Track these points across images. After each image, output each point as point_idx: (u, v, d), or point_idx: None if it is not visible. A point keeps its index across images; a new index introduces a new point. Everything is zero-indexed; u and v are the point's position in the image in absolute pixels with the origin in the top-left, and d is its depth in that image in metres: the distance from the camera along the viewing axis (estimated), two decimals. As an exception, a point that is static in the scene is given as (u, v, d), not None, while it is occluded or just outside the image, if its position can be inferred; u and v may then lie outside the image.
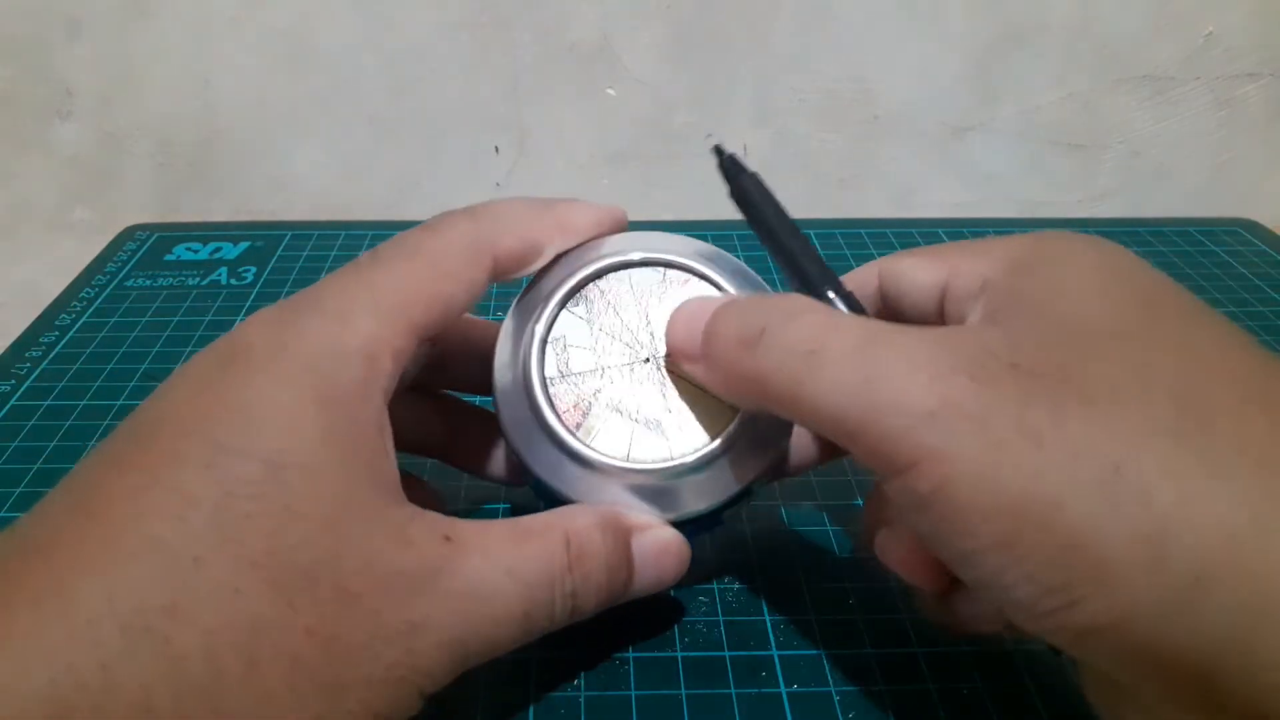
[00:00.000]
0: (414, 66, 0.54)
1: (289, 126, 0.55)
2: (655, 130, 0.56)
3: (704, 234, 0.30)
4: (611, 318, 0.28)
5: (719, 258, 0.29)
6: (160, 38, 0.53)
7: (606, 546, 0.24)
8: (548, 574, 0.23)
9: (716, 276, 0.28)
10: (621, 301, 0.28)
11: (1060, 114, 0.56)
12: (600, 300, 0.28)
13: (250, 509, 0.19)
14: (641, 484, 0.26)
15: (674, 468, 0.26)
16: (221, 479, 0.20)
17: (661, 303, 0.28)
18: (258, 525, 0.19)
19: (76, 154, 0.55)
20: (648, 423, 0.27)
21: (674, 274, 0.28)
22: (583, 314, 0.28)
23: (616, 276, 0.28)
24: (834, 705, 0.26)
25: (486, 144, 0.56)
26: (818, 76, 0.55)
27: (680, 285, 0.28)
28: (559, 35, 0.53)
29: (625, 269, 0.28)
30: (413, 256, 0.24)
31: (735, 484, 0.27)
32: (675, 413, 0.27)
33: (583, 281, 0.28)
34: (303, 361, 0.21)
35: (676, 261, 0.28)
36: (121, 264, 0.49)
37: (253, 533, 0.19)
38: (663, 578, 0.25)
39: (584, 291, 0.28)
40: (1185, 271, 0.49)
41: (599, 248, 0.28)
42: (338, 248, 0.51)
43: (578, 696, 0.26)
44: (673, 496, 0.26)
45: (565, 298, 0.28)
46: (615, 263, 0.28)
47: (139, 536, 0.19)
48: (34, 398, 0.39)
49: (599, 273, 0.28)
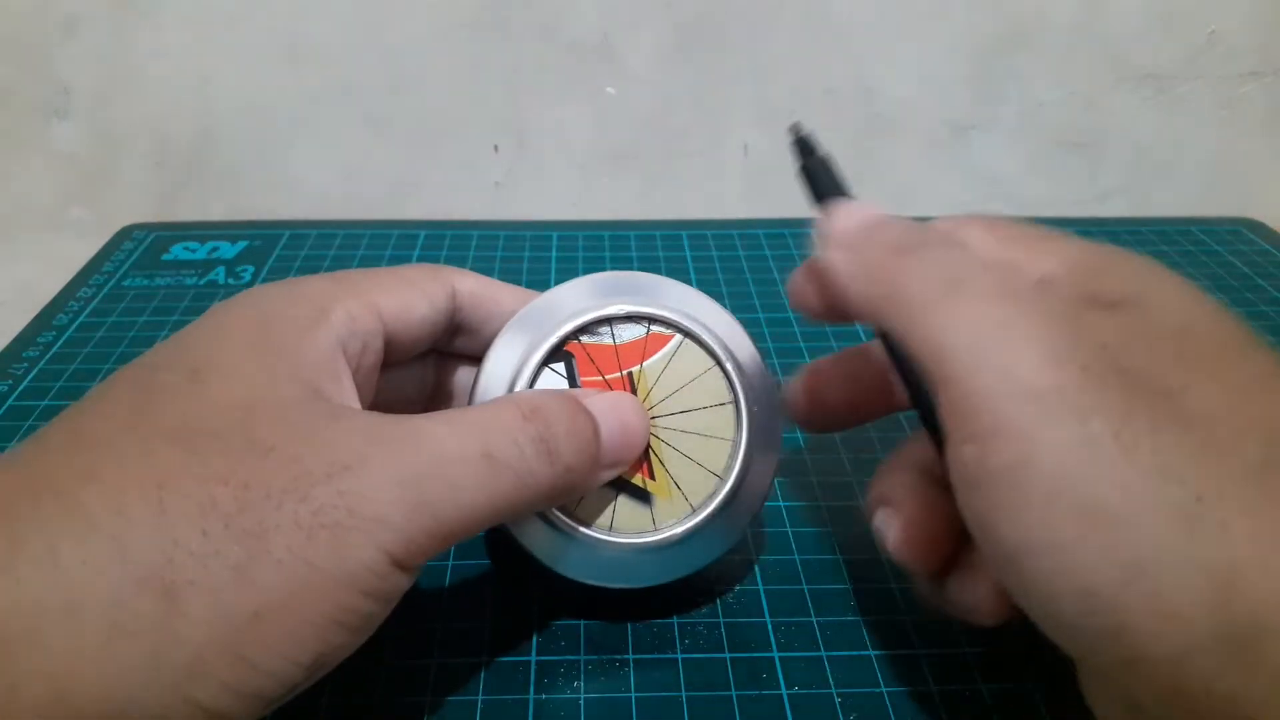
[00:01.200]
0: (413, 65, 0.54)
1: (287, 125, 0.55)
2: (655, 130, 0.56)
3: (704, 233, 0.30)
4: (593, 376, 0.27)
5: (704, 310, 0.28)
6: (158, 37, 0.52)
7: (558, 402, 0.24)
8: (502, 422, 0.22)
9: (703, 335, 0.27)
10: (603, 359, 0.27)
11: (1062, 113, 0.56)
12: (582, 356, 0.27)
13: (166, 400, 0.21)
14: (623, 555, 0.27)
15: (657, 542, 0.27)
16: (146, 386, 0.21)
17: (645, 360, 0.27)
18: (172, 409, 0.21)
19: (74, 153, 0.55)
20: (633, 490, 0.27)
21: (658, 329, 0.27)
22: (562, 371, 0.27)
23: (599, 332, 0.27)
24: (835, 707, 0.26)
25: (485, 143, 0.56)
26: (818, 75, 0.55)
27: (665, 341, 0.27)
28: (558, 34, 0.53)
29: (608, 323, 0.27)
30: (376, 269, 0.27)
31: (717, 549, 0.27)
32: (659, 479, 0.27)
33: (564, 339, 0.27)
34: (251, 304, 0.24)
35: (661, 316, 0.27)
36: (119, 263, 0.49)
37: (168, 414, 0.21)
38: (627, 424, 0.25)
39: (566, 348, 0.27)
40: (1188, 271, 0.49)
41: (573, 301, 0.27)
42: (336, 247, 0.51)
43: (578, 698, 0.26)
44: (654, 564, 0.27)
45: (546, 356, 0.27)
46: (597, 317, 0.27)
47: (65, 433, 0.21)
48: (31, 398, 0.39)
49: (580, 329, 0.27)
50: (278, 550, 0.19)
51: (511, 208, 0.57)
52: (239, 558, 0.19)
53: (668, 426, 0.27)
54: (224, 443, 0.20)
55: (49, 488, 0.19)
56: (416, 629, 0.28)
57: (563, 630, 0.28)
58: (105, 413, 0.21)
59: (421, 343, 0.27)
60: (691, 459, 0.27)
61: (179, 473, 0.19)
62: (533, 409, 0.23)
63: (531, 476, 0.22)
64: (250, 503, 0.19)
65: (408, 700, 0.26)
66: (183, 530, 0.19)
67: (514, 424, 0.22)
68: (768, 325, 0.44)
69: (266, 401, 0.21)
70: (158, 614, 0.18)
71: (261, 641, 0.19)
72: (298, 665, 0.19)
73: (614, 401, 0.26)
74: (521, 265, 0.49)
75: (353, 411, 0.22)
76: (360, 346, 0.25)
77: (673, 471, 0.27)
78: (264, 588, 0.19)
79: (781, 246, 0.51)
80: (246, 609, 0.19)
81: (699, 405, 0.27)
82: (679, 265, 0.48)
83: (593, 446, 0.24)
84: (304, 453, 0.20)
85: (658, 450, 0.27)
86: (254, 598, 0.19)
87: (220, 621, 0.18)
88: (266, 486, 0.19)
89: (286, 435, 0.20)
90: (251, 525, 0.19)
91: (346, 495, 0.20)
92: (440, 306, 0.27)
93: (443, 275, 0.28)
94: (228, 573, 0.18)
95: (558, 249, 0.50)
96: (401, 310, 0.26)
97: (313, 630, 0.19)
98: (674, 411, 0.27)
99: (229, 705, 0.19)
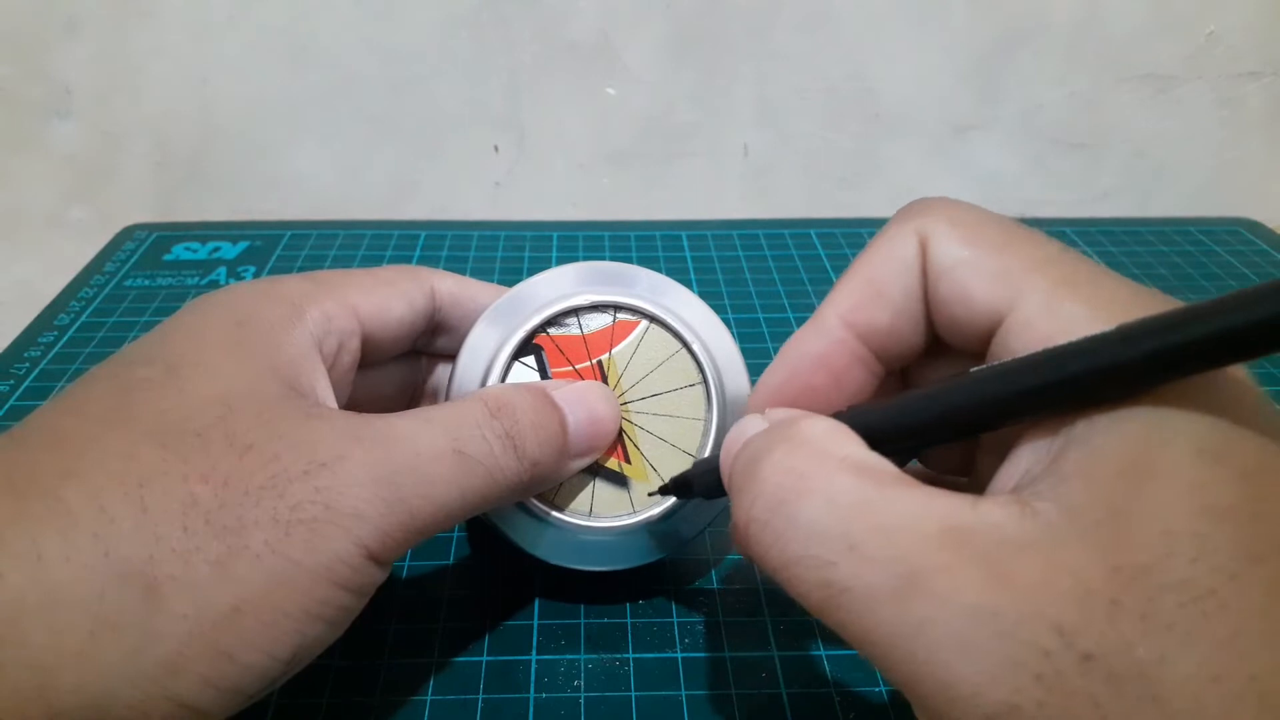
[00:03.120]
0: (413, 65, 0.54)
1: (288, 125, 0.55)
2: (655, 129, 0.56)
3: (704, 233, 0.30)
4: (564, 367, 0.28)
5: (665, 290, 0.28)
6: (159, 37, 0.52)
7: (525, 396, 0.24)
8: (470, 419, 0.23)
9: (668, 319, 0.28)
10: (572, 350, 0.28)
11: (1062, 113, 0.56)
12: (551, 348, 0.28)
13: (145, 397, 0.21)
14: (603, 539, 0.27)
15: (635, 525, 0.27)
16: (124, 382, 0.22)
17: (613, 347, 0.28)
18: (151, 406, 0.21)
19: (75, 153, 0.55)
20: (609, 475, 0.27)
21: (624, 316, 0.28)
22: (532, 365, 0.27)
23: (566, 323, 0.28)
24: (834, 706, 0.26)
25: (485, 143, 0.56)
26: (818, 75, 0.55)
27: (632, 328, 0.28)
28: (558, 34, 0.53)
29: (575, 314, 0.28)
30: (354, 270, 0.27)
31: (695, 527, 0.28)
32: (635, 463, 0.27)
33: (532, 333, 0.27)
34: (227, 302, 0.24)
35: (625, 303, 0.28)
36: (120, 264, 0.49)
37: (146, 412, 0.21)
38: (595, 414, 0.26)
39: (535, 341, 0.27)
40: (1187, 271, 0.49)
41: (542, 294, 0.28)
42: (336, 247, 0.51)
43: (578, 697, 0.26)
44: (634, 546, 0.28)
45: (515, 351, 0.27)
46: (563, 309, 0.27)
47: (45, 430, 0.21)
48: (32, 398, 0.39)
49: (547, 321, 0.27)
50: (256, 545, 0.19)
51: (511, 208, 0.57)
52: (219, 553, 0.19)
53: (640, 411, 0.27)
54: (203, 440, 0.20)
55: (31, 485, 0.19)
56: (417, 628, 0.28)
57: (563, 630, 0.28)
58: (84, 410, 0.21)
59: (400, 343, 0.28)
60: (665, 440, 0.27)
61: (160, 470, 0.19)
62: (499, 405, 0.24)
63: (500, 472, 0.23)
64: (229, 500, 0.19)
65: (408, 699, 0.26)
66: (165, 527, 0.19)
67: (482, 419, 0.23)
68: (767, 325, 0.44)
69: (244, 397, 0.21)
70: (139, 610, 0.18)
71: (241, 635, 0.19)
72: (276, 659, 0.20)
73: (582, 392, 0.26)
74: (521, 265, 0.49)
75: (329, 410, 0.22)
76: (336, 346, 0.25)
77: (647, 454, 0.27)
78: (243, 582, 0.19)
79: (781, 246, 0.51)
80: (226, 603, 0.19)
81: (670, 388, 0.28)
82: (679, 265, 0.49)
83: (559, 439, 0.25)
84: (281, 450, 0.20)
85: (631, 434, 0.27)
86: (233, 592, 0.19)
87: (200, 616, 0.19)
88: (245, 483, 0.20)
89: (264, 433, 0.20)
90: (231, 521, 0.19)
91: (323, 491, 0.20)
92: (418, 307, 0.27)
93: (421, 276, 0.28)
94: (208, 568, 0.19)
95: (558, 249, 0.50)
96: (378, 311, 0.26)
97: (291, 623, 0.20)
98: (645, 395, 0.28)
99: (209, 700, 0.19)
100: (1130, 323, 0.16)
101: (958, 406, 0.19)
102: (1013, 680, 0.15)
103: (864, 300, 0.21)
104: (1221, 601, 0.15)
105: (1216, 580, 0.15)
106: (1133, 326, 0.16)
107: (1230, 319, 0.15)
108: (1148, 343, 0.16)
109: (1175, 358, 0.16)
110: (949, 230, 0.20)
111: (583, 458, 0.26)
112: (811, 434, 0.19)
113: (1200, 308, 0.16)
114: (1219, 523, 0.15)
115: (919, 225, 0.21)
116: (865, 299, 0.21)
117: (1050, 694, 0.15)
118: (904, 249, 0.21)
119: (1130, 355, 0.16)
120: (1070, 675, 0.15)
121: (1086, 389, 0.17)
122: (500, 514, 0.27)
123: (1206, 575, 0.15)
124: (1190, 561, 0.15)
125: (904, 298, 0.21)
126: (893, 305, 0.21)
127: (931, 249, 0.20)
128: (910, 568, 0.16)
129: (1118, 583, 0.15)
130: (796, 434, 0.19)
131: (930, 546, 0.16)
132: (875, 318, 0.21)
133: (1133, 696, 0.15)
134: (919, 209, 0.21)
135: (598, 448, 0.26)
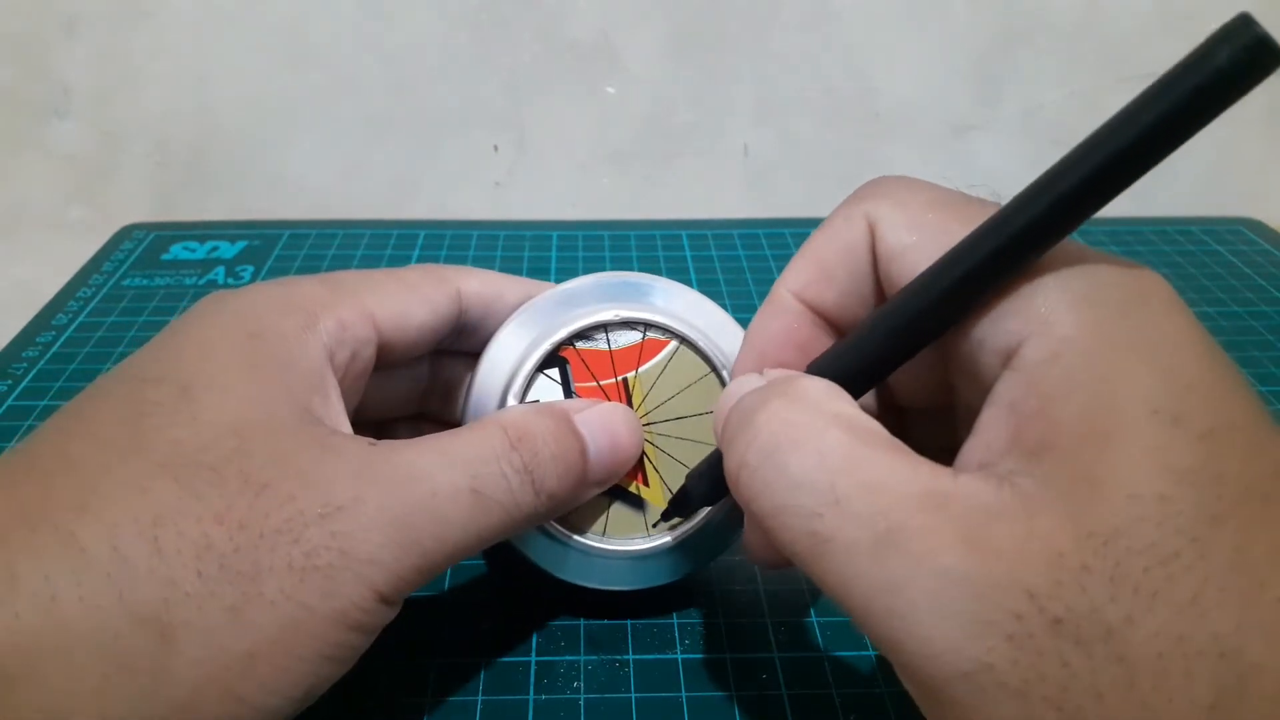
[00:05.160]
0: (413, 65, 0.54)
1: (287, 125, 0.55)
2: (655, 129, 0.56)
3: (704, 233, 0.30)
4: (588, 382, 0.27)
5: (699, 309, 0.27)
6: (158, 36, 0.52)
7: (546, 424, 0.24)
8: (488, 451, 0.22)
9: (700, 341, 0.27)
10: (597, 365, 0.27)
11: (1063, 113, 0.56)
12: (576, 362, 0.27)
13: (158, 422, 0.20)
14: (614, 561, 0.27)
15: (647, 550, 0.27)
16: (136, 404, 0.21)
17: (640, 365, 0.27)
18: (164, 435, 0.20)
19: (74, 153, 0.55)
20: (626, 497, 0.27)
21: (654, 334, 0.27)
22: (557, 378, 0.27)
23: (595, 337, 0.27)
24: (835, 707, 0.26)
25: (485, 143, 0.56)
26: (818, 75, 0.55)
27: (661, 347, 0.27)
28: (558, 33, 0.53)
29: (603, 329, 0.27)
30: (376, 271, 0.26)
31: (707, 556, 0.28)
32: (653, 486, 0.27)
33: (558, 345, 0.26)
34: (239, 311, 0.23)
35: (656, 322, 0.27)
36: (118, 263, 0.49)
37: (159, 441, 0.20)
38: (617, 441, 0.25)
39: (560, 354, 0.27)
40: (1188, 271, 0.49)
41: (571, 304, 0.27)
42: (335, 247, 0.50)
43: (578, 699, 0.26)
44: (648, 569, 0.27)
45: (540, 363, 0.26)
46: (591, 324, 0.26)
47: (55, 456, 0.20)
48: (30, 398, 0.39)
49: (574, 335, 0.26)
50: (270, 592, 0.19)
51: (511, 208, 0.57)
52: (234, 599, 0.19)
53: (662, 433, 0.27)
54: (218, 475, 0.20)
55: (44, 518, 0.19)
56: (417, 629, 0.28)
57: (563, 630, 0.28)
58: (96, 434, 0.21)
59: (420, 348, 0.27)
60: (686, 465, 0.27)
61: (174, 510, 0.19)
62: (519, 435, 0.23)
63: (518, 509, 0.23)
64: (245, 543, 0.19)
65: (408, 700, 0.26)
66: (179, 572, 0.19)
67: (502, 451, 0.22)
68: (768, 325, 0.44)
69: (258, 426, 0.21)
70: (154, 653, 0.18)
71: (255, 680, 0.19)
72: (288, 700, 0.20)
73: (605, 416, 0.25)
74: (521, 265, 0.49)
75: (344, 441, 0.22)
76: (349, 355, 0.24)
77: (666, 477, 0.27)
78: (257, 629, 0.19)
79: (781, 246, 0.51)
80: (240, 649, 0.19)
81: (694, 412, 0.27)
82: (679, 265, 0.48)
83: (579, 468, 0.24)
84: (297, 490, 0.20)
85: (652, 456, 0.27)
86: (248, 638, 0.19)
87: (214, 661, 0.19)
88: (260, 525, 0.19)
89: (280, 471, 0.20)
90: (246, 567, 0.19)
91: (339, 537, 0.20)
92: (442, 312, 0.26)
93: (447, 277, 0.27)
94: (222, 614, 0.19)
95: (558, 249, 0.50)
96: (398, 317, 0.25)
97: (304, 666, 0.20)
98: (669, 418, 0.27)
99: None
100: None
101: (889, 316, 0.20)
102: (985, 640, 0.16)
103: (812, 279, 0.22)
104: (1186, 564, 0.15)
105: (1180, 543, 0.16)
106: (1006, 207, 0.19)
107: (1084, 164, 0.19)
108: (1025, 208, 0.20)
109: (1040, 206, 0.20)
110: (896, 214, 0.21)
111: (602, 485, 0.25)
112: (808, 390, 0.20)
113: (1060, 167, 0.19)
114: (1180, 485, 0.16)
115: (868, 209, 0.21)
116: (813, 278, 0.22)
117: (1022, 653, 0.16)
118: (851, 233, 0.21)
119: (1008, 214, 0.19)
120: (1041, 637, 0.16)
121: (987, 265, 0.19)
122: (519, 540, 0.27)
123: (1171, 538, 0.16)
124: (1156, 525, 0.16)
125: (849, 279, 0.22)
126: (838, 285, 0.22)
127: (880, 233, 0.21)
128: (889, 525, 0.17)
129: (1089, 548, 0.16)
130: (793, 389, 0.20)
131: (911, 506, 0.17)
132: (823, 295, 0.22)
133: (1100, 657, 0.15)
134: (869, 191, 0.22)
135: (617, 475, 0.26)
